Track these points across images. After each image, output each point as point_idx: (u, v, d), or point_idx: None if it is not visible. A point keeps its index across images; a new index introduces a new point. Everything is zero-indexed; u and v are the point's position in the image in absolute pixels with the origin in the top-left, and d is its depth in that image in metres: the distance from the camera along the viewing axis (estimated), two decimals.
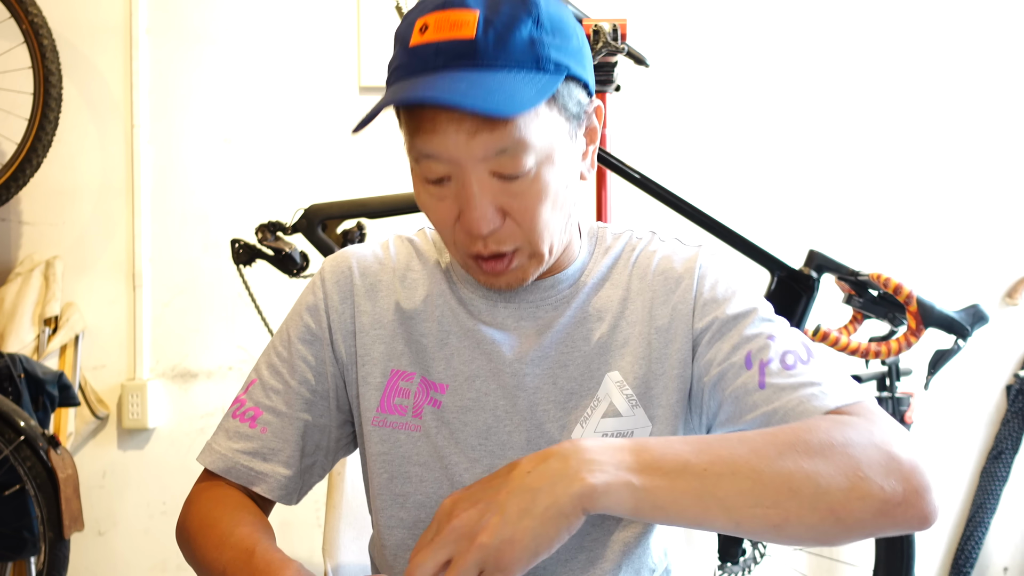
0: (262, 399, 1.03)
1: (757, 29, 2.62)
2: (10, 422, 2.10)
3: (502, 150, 0.86)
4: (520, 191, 0.89)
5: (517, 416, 0.98)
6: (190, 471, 2.58)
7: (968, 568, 2.56)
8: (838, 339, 1.94)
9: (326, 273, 1.06)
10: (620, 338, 0.99)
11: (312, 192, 2.42)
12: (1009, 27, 2.63)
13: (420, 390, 1.00)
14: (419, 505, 0.99)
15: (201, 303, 2.63)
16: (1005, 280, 2.64)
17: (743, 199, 2.57)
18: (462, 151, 0.86)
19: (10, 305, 2.52)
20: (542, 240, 0.92)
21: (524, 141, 0.86)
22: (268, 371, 1.04)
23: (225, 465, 1.01)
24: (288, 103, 2.63)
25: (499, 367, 0.98)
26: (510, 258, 0.93)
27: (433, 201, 0.92)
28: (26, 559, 2.27)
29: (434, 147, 0.87)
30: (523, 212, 0.90)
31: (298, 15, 2.63)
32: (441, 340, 1.01)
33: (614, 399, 0.97)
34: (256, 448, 1.01)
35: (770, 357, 0.90)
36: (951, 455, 2.62)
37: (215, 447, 1.03)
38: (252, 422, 1.02)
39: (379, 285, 1.05)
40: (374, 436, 1.00)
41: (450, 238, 0.94)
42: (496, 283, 0.95)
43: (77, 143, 2.62)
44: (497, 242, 0.91)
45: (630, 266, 1.02)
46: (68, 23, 2.59)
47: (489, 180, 0.88)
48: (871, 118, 2.62)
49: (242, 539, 0.92)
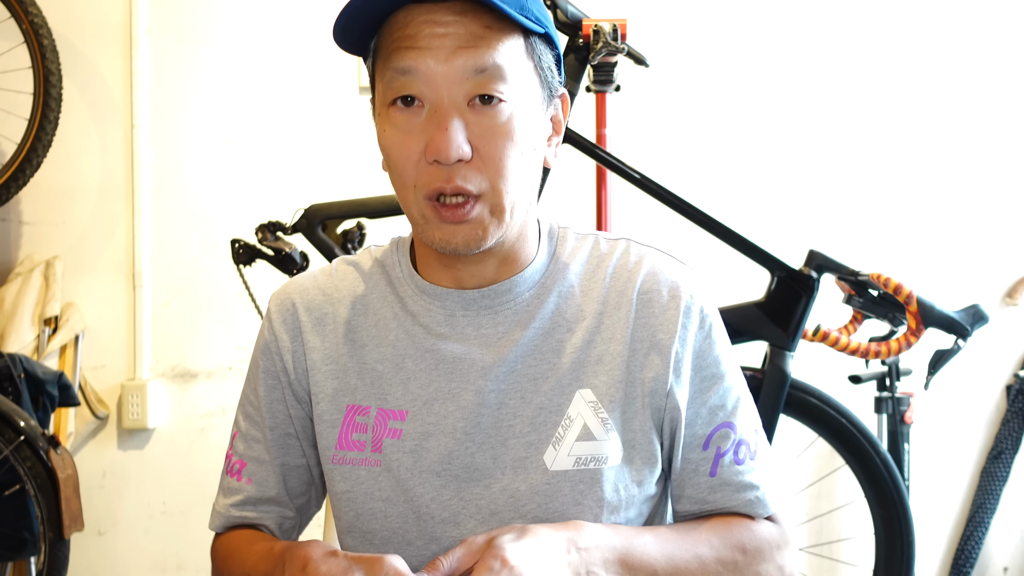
0: (244, 451, 1.04)
1: (757, 29, 2.62)
2: (10, 422, 2.10)
3: (481, 69, 0.87)
4: (491, 125, 0.88)
5: (480, 435, 0.95)
6: (190, 471, 2.59)
7: (968, 568, 2.56)
8: (838, 339, 1.94)
9: (272, 313, 1.04)
10: (595, 354, 0.96)
11: (312, 192, 2.42)
12: (1009, 27, 2.63)
13: (377, 422, 0.97)
14: (386, 540, 0.97)
15: (201, 303, 2.63)
16: (1005, 280, 2.64)
17: (743, 199, 2.57)
18: (442, 67, 0.86)
19: (10, 305, 2.52)
20: (505, 190, 0.90)
21: (502, 68, 0.87)
22: (245, 421, 1.05)
23: (222, 523, 1.04)
24: (288, 103, 2.63)
25: (460, 386, 0.95)
26: (472, 204, 0.89)
27: (399, 135, 0.90)
28: (26, 559, 2.27)
29: (413, 61, 0.87)
30: (491, 149, 0.88)
31: (298, 15, 2.63)
32: (396, 364, 0.98)
33: (588, 421, 0.94)
34: (244, 499, 1.03)
35: (726, 449, 0.97)
36: (951, 455, 2.62)
37: (216, 508, 1.06)
38: (239, 476, 1.04)
39: (326, 318, 1.02)
40: (335, 474, 0.99)
41: (411, 180, 0.90)
42: (454, 238, 0.90)
43: (77, 143, 2.62)
44: (463, 178, 0.88)
45: (607, 277, 0.98)
46: (68, 23, 2.59)
47: (463, 108, 0.88)
48: (871, 118, 2.62)
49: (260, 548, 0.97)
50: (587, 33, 1.81)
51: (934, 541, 2.63)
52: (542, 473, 0.93)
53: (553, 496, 0.93)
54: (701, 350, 0.97)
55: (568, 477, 0.93)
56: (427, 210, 0.90)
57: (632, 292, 0.97)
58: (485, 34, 0.87)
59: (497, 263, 0.97)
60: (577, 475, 0.93)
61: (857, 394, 2.33)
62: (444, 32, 0.86)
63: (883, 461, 1.93)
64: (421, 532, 0.96)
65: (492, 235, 0.91)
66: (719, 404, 0.97)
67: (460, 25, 0.87)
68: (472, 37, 0.87)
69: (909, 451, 2.29)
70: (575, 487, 0.93)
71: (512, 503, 0.93)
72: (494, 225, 0.91)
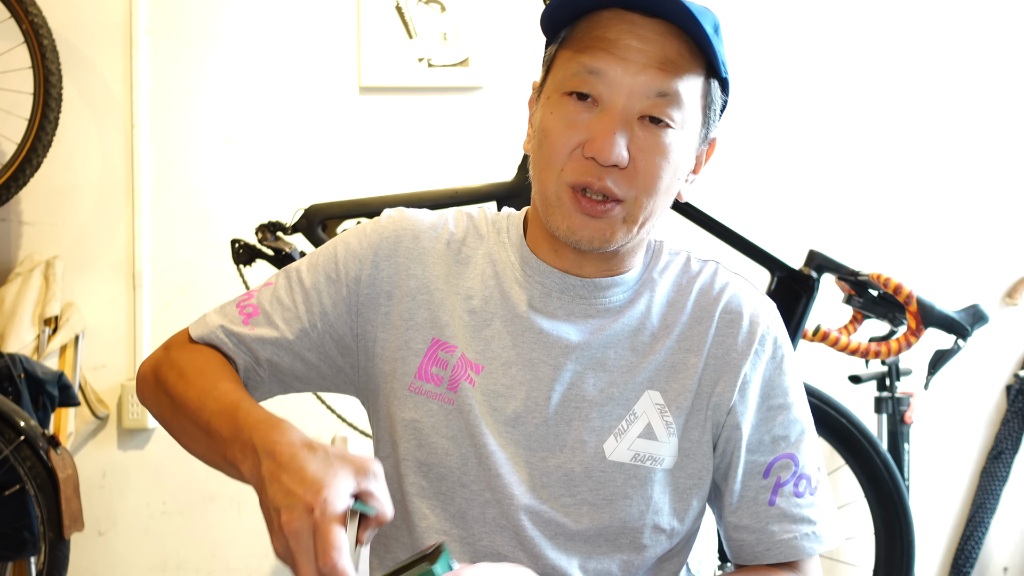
0: (266, 305, 1.02)
1: (757, 29, 2.62)
2: (10, 422, 2.10)
3: (663, 93, 0.90)
4: (654, 144, 0.91)
5: (548, 409, 0.97)
6: (190, 471, 2.59)
7: (968, 568, 2.56)
8: (838, 339, 1.94)
9: (382, 227, 1.04)
10: (671, 361, 0.99)
11: (312, 192, 2.42)
12: (1009, 27, 2.63)
13: (459, 364, 0.99)
14: (441, 477, 0.98)
15: (201, 303, 2.62)
16: (1005, 280, 2.64)
17: (743, 199, 2.57)
18: (629, 79, 0.90)
19: (10, 305, 2.52)
20: (646, 205, 0.93)
21: (680, 97, 0.91)
22: (285, 284, 1.04)
23: (204, 333, 1.01)
24: (288, 103, 2.62)
25: (540, 358, 0.98)
26: (612, 205, 0.92)
27: (563, 121, 0.93)
28: (26, 559, 2.27)
29: (605, 64, 0.90)
30: (647, 164, 0.91)
31: (298, 15, 2.63)
32: (485, 320, 1.00)
33: (652, 420, 0.98)
34: (235, 331, 1.01)
35: (787, 480, 0.99)
36: (951, 455, 2.62)
37: (206, 319, 1.03)
38: (247, 319, 1.02)
39: (430, 252, 1.03)
40: (408, 402, 0.99)
41: (559, 164, 0.93)
42: (582, 230, 0.94)
43: (77, 143, 2.62)
44: (612, 181, 0.91)
45: (693, 293, 1.02)
46: (68, 23, 2.59)
47: (633, 121, 0.91)
48: (871, 118, 2.62)
49: (226, 393, 0.91)
50: None
51: (934, 541, 2.63)
52: (600, 460, 0.97)
53: (605, 484, 0.97)
54: (771, 378, 1.01)
55: (623, 469, 0.97)
56: (566, 196, 0.93)
57: (715, 310, 1.01)
58: (677, 60, 0.91)
59: (605, 266, 1.01)
60: (632, 469, 0.97)
61: (857, 394, 2.33)
62: (641, 47, 0.90)
63: (883, 461, 1.93)
64: (477, 477, 0.97)
65: (618, 240, 0.95)
66: (783, 434, 1.00)
67: (658, 45, 0.91)
68: (665, 60, 0.91)
69: (909, 451, 2.29)
70: (628, 480, 0.97)
71: (565, 480, 0.97)
72: (623, 232, 0.94)
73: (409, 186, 2.02)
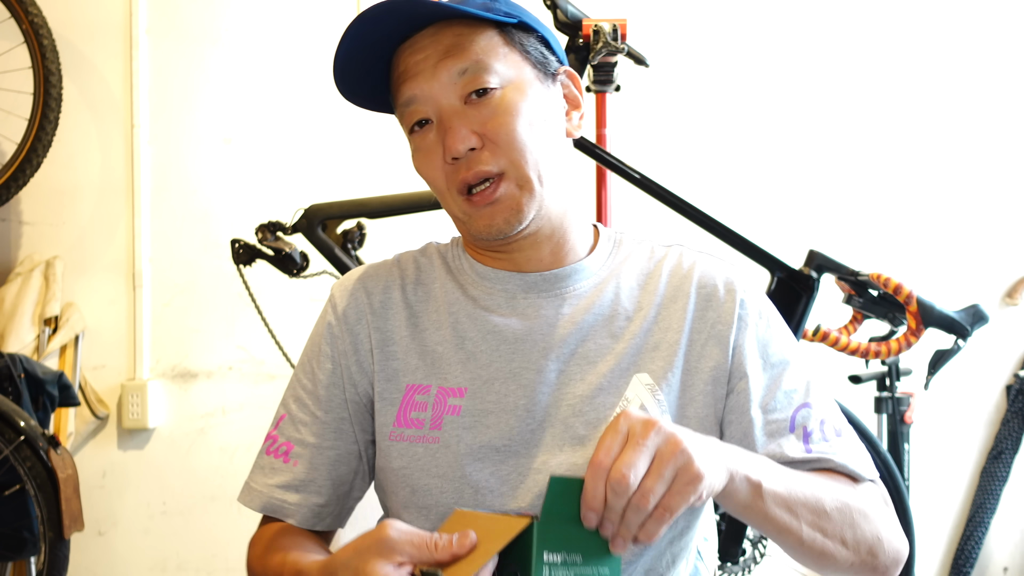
0: (292, 433, 1.05)
1: (757, 29, 2.62)
2: (10, 422, 2.10)
3: (463, 71, 0.96)
4: (490, 111, 0.96)
5: (540, 413, 0.98)
6: (190, 471, 2.59)
7: (968, 568, 2.55)
8: (838, 339, 1.94)
9: (336, 298, 1.08)
10: (652, 341, 1.00)
11: (312, 192, 2.42)
12: (1009, 27, 2.63)
13: (438, 400, 1.00)
14: (441, 516, 0.98)
15: (201, 303, 2.62)
16: (1005, 280, 2.64)
17: (743, 199, 2.57)
18: (431, 83, 0.96)
19: (10, 305, 2.52)
20: (524, 161, 0.96)
21: (483, 62, 0.96)
22: (295, 404, 1.06)
23: (262, 503, 1.04)
24: (288, 103, 2.63)
25: (521, 365, 0.99)
26: (496, 184, 0.96)
27: (423, 154, 0.99)
28: (26, 559, 2.27)
29: (410, 90, 0.97)
30: (496, 129, 0.95)
31: (298, 15, 2.63)
32: (457, 345, 1.01)
33: (645, 401, 0.98)
34: (288, 481, 1.03)
35: (812, 428, 0.99)
36: (951, 455, 2.62)
37: (252, 485, 1.05)
38: (285, 457, 1.04)
39: (388, 303, 1.06)
40: (392, 451, 1.01)
41: (443, 186, 0.99)
42: (494, 220, 0.97)
43: (77, 143, 2.62)
44: (479, 162, 0.95)
45: (663, 275, 1.04)
46: (68, 23, 2.59)
47: (461, 107, 0.96)
48: (871, 118, 2.62)
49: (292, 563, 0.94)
50: (587, 33, 1.81)
51: (934, 541, 2.63)
52: None
53: None
54: (765, 339, 1.02)
55: None
56: (464, 205, 0.98)
57: (689, 288, 1.03)
58: (457, 41, 0.97)
59: (551, 248, 1.03)
60: None
61: (857, 394, 2.33)
62: (424, 55, 0.97)
63: (883, 461, 1.93)
64: (477, 506, 0.98)
65: (529, 208, 0.97)
66: (793, 388, 1.00)
67: (435, 42, 0.97)
68: (448, 48, 0.96)
69: (909, 451, 2.29)
70: None
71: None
72: (526, 197, 0.97)
73: (409, 186, 2.02)
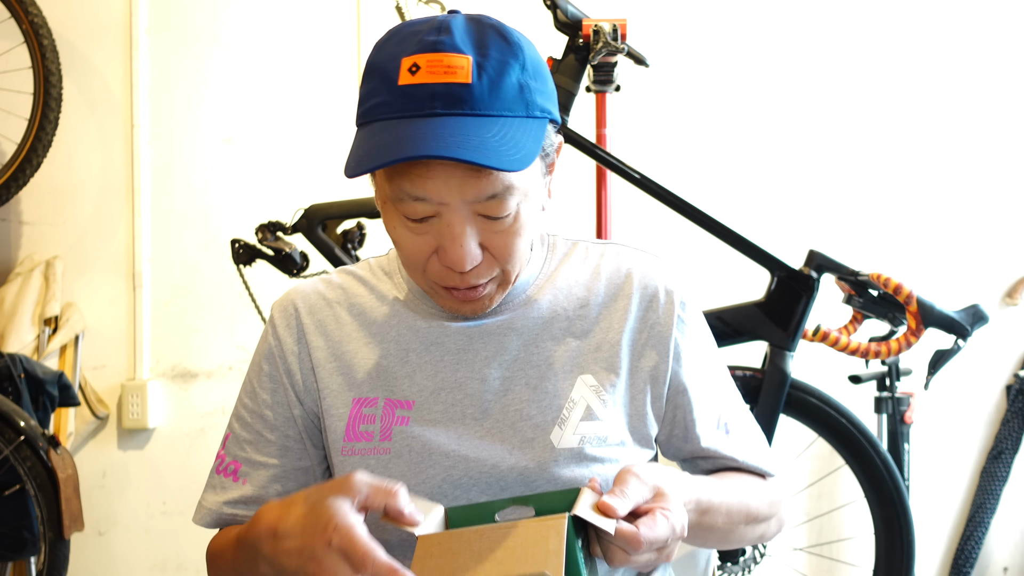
0: (238, 452, 1.05)
1: (757, 29, 2.62)
2: (10, 422, 2.10)
3: (492, 195, 0.88)
4: (502, 229, 0.92)
5: (488, 421, 0.99)
6: (190, 471, 2.59)
7: (968, 568, 2.56)
8: (838, 339, 1.94)
9: (275, 318, 1.07)
10: (593, 343, 1.02)
11: (312, 192, 2.42)
12: (1009, 27, 2.63)
13: (386, 412, 1.00)
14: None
15: (201, 303, 2.63)
16: (1005, 280, 2.64)
17: (743, 199, 2.57)
18: (454, 195, 0.88)
19: (10, 305, 2.52)
20: (514, 268, 0.96)
21: (512, 186, 0.89)
22: (239, 424, 1.07)
23: (213, 519, 1.05)
24: (288, 103, 2.63)
25: (466, 375, 1.00)
26: (483, 288, 0.96)
27: (411, 236, 0.92)
28: (26, 559, 2.27)
29: (425, 191, 0.87)
30: (503, 248, 0.93)
31: (298, 15, 2.63)
32: (401, 358, 1.01)
33: (591, 403, 1.00)
34: (238, 498, 1.03)
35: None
36: (951, 455, 2.62)
37: (204, 504, 1.06)
38: (235, 476, 1.05)
39: (328, 320, 1.05)
40: (344, 465, 1.01)
41: (420, 268, 0.95)
42: (462, 308, 0.98)
43: (77, 143, 2.62)
44: (476, 276, 0.94)
45: (601, 276, 1.05)
46: (68, 23, 2.59)
47: (474, 219, 0.90)
48: (871, 118, 2.62)
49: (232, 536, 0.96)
50: (587, 33, 1.81)
51: (934, 541, 2.63)
52: (550, 451, 0.98)
53: (560, 471, 0.98)
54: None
55: (574, 453, 0.98)
56: (438, 289, 0.96)
57: (631, 289, 1.04)
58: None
59: None
60: (582, 452, 0.98)
61: (857, 394, 2.33)
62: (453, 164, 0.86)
63: (883, 461, 1.93)
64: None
65: (500, 297, 0.99)
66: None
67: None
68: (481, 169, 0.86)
69: (909, 451, 2.29)
70: (580, 462, 0.98)
71: (521, 479, 0.98)
72: (500, 294, 0.98)
73: None
